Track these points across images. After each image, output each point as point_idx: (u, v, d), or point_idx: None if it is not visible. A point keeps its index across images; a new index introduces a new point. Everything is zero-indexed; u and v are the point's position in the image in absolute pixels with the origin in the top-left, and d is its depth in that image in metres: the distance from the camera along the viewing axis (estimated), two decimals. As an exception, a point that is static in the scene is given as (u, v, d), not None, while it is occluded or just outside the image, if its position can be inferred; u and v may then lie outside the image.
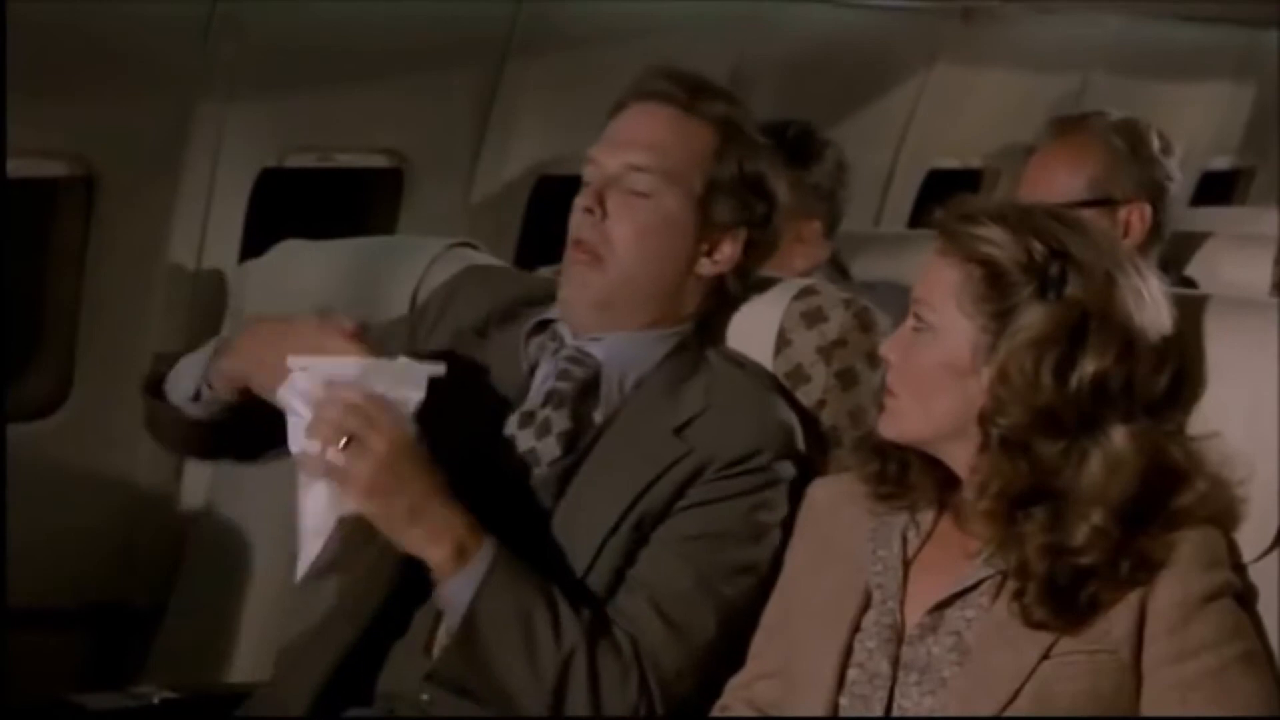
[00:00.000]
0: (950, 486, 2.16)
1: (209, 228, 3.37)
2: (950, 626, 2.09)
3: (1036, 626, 2.02)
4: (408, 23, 3.44)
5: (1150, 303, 2.08)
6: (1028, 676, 2.01)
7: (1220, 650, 2.01)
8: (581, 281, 2.43)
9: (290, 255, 3.29)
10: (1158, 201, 3.13)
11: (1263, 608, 2.08)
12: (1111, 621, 2.01)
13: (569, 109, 3.67)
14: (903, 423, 2.14)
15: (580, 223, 2.43)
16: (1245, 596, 2.08)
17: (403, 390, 2.27)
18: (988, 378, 2.07)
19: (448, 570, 2.26)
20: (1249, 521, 2.10)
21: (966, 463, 2.11)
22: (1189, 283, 3.36)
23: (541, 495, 2.38)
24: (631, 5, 3.79)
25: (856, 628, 2.13)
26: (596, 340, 2.44)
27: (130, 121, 3.20)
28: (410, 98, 3.56)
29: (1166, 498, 2.05)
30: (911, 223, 4.72)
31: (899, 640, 2.10)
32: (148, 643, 3.28)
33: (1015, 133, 4.61)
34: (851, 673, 2.11)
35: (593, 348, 2.44)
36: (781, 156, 2.84)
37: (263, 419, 2.34)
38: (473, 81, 3.65)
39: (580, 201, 2.43)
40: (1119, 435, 2.04)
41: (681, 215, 2.42)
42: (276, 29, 3.27)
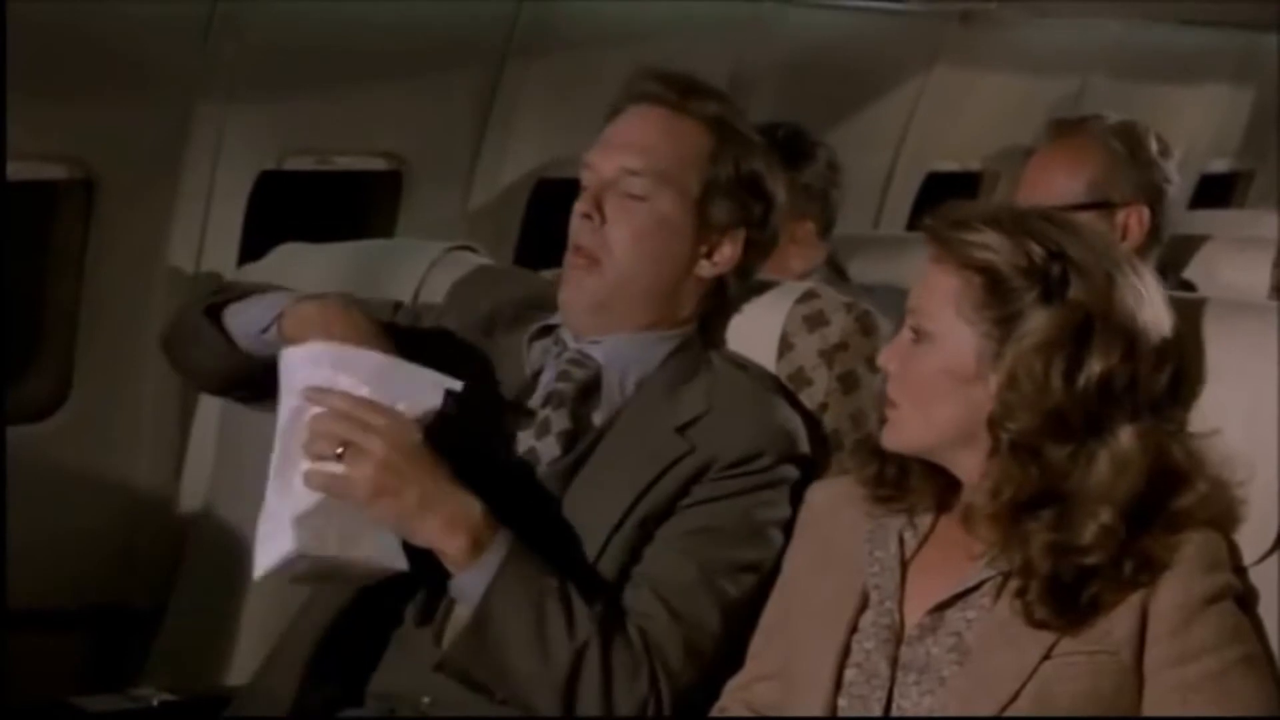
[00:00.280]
0: (950, 489, 2.17)
1: (208, 230, 3.36)
2: (950, 627, 2.09)
3: (1038, 626, 2.02)
4: (407, 25, 3.43)
5: (1149, 301, 2.09)
6: (1029, 676, 2.01)
7: (1221, 653, 2.02)
8: (579, 285, 2.44)
9: (289, 258, 3.28)
10: (1156, 204, 3.13)
11: (1263, 610, 2.09)
12: (1113, 623, 2.02)
13: (568, 111, 3.66)
14: (905, 433, 2.14)
15: (579, 228, 2.44)
16: (1246, 599, 2.08)
17: (417, 395, 2.28)
18: (995, 384, 2.06)
19: (462, 561, 2.25)
20: (1249, 524, 2.10)
21: (972, 468, 2.11)
22: (1188, 286, 3.36)
23: (543, 495, 2.38)
24: (631, 8, 3.78)
25: (854, 628, 2.13)
26: (597, 343, 2.45)
27: (129, 124, 3.20)
28: (410, 100, 3.55)
29: (1168, 499, 2.05)
30: (910, 225, 4.72)
31: (897, 640, 2.10)
32: (147, 644, 3.27)
33: (1014, 135, 4.61)
34: (849, 673, 2.11)
35: (593, 350, 2.45)
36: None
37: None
38: (472, 84, 3.65)
39: (579, 207, 2.45)
40: (1125, 434, 2.05)
41: (679, 217, 2.43)
42: (276, 31, 3.27)
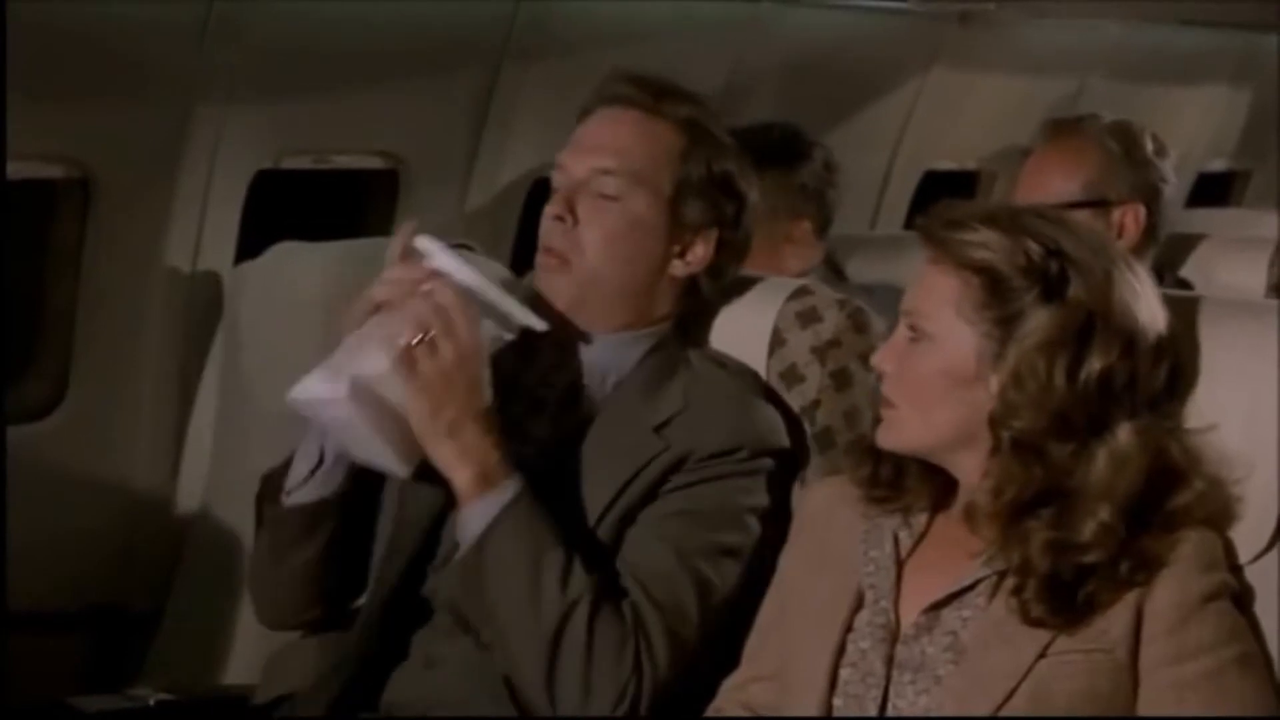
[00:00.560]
0: (946, 489, 2.16)
1: (205, 230, 3.36)
2: (946, 626, 2.08)
3: (1034, 624, 2.02)
4: (405, 25, 3.43)
5: (1146, 298, 2.09)
6: (1024, 675, 2.01)
7: (1218, 652, 2.02)
8: (551, 286, 2.43)
9: (286, 257, 3.29)
10: (1152, 203, 3.14)
11: (1260, 609, 2.08)
12: (1109, 621, 2.01)
13: (566, 112, 3.62)
14: (903, 433, 2.13)
15: (550, 230, 2.43)
16: (1242, 598, 2.08)
17: (497, 321, 2.31)
18: (996, 384, 2.06)
19: (469, 494, 2.26)
20: (1246, 522, 2.10)
21: (971, 468, 2.11)
22: (1185, 284, 3.36)
23: None
24: (629, 8, 3.78)
25: (849, 628, 2.13)
26: (574, 346, 2.44)
27: (127, 124, 3.20)
28: (407, 100, 3.56)
29: (1165, 497, 2.05)
30: (907, 225, 4.72)
31: (893, 640, 2.10)
32: (146, 645, 3.28)
33: (1012, 136, 4.62)
34: (845, 672, 2.11)
35: (571, 353, 2.44)
36: (766, 157, 2.85)
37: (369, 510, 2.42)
38: (470, 84, 3.65)
39: (550, 209, 2.44)
40: (1124, 432, 2.04)
41: (651, 217, 2.42)
42: (273, 31, 3.27)
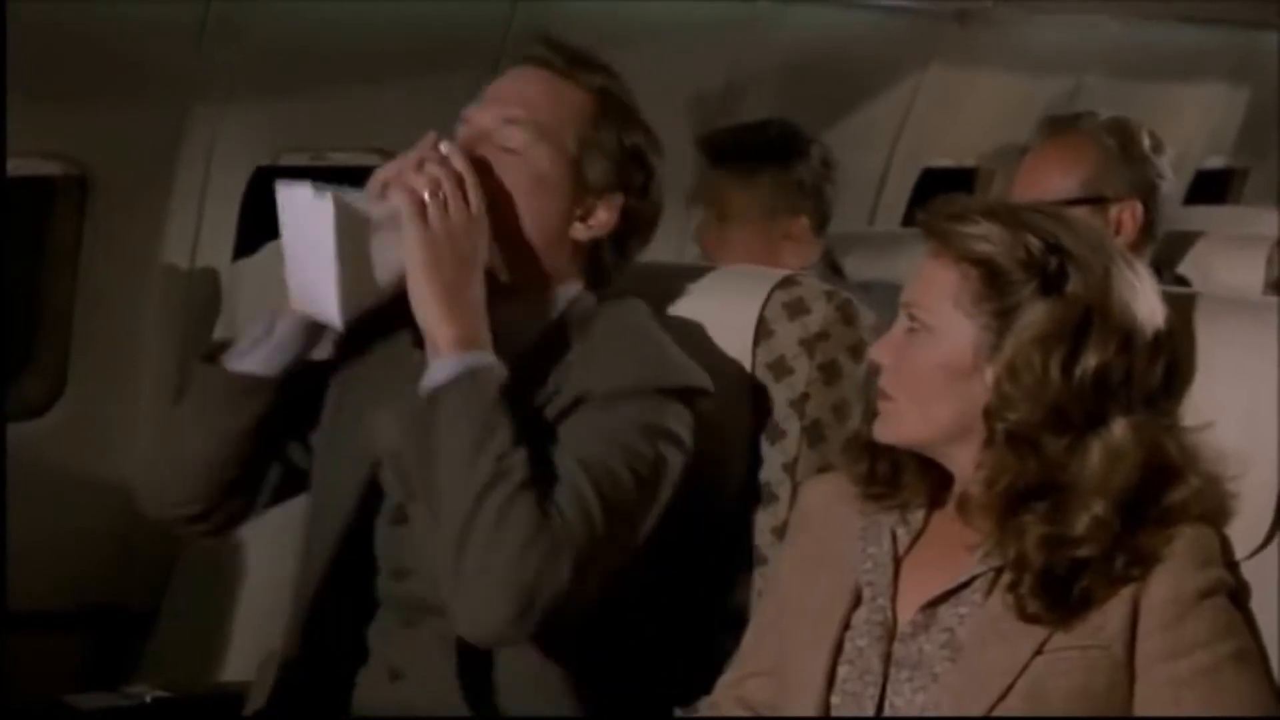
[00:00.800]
0: (943, 485, 2.16)
1: (203, 227, 3.37)
2: (943, 624, 2.08)
3: (1030, 620, 2.01)
4: (402, 24, 3.44)
5: (1143, 294, 2.08)
6: (1020, 672, 2.01)
7: (1214, 648, 2.01)
8: None
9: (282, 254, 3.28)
10: (1149, 200, 3.14)
11: (1256, 605, 2.08)
12: (1105, 617, 2.01)
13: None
14: (901, 426, 2.13)
15: None
16: (1239, 594, 2.07)
17: None
18: (992, 376, 2.06)
19: (446, 349, 2.19)
20: (1242, 518, 2.09)
21: (966, 461, 2.11)
22: (1182, 281, 3.35)
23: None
24: (627, 8, 3.78)
25: (847, 625, 2.12)
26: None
27: (125, 122, 3.21)
28: (406, 99, 3.56)
29: (1161, 493, 2.04)
30: (905, 222, 4.73)
31: (890, 637, 2.09)
32: (145, 645, 3.28)
33: (1010, 134, 4.62)
34: (842, 670, 2.11)
35: None
36: (764, 154, 2.84)
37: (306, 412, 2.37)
38: (467, 83, 3.63)
39: None
40: (1119, 427, 2.04)
41: (554, 173, 2.35)
42: (271, 30, 3.27)
